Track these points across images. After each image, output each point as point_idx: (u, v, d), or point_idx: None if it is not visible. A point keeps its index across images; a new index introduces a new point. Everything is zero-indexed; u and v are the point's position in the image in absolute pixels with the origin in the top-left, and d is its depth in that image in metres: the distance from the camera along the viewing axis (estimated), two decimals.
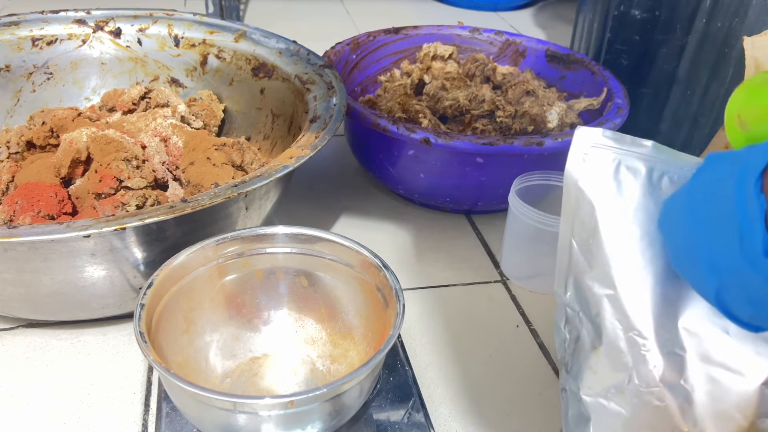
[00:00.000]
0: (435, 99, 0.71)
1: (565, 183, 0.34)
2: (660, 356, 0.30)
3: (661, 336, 0.30)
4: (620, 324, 0.32)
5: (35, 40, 0.69)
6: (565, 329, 0.37)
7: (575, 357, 0.36)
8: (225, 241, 0.45)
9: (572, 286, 0.35)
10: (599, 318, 0.33)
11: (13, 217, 0.51)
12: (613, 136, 0.33)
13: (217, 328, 0.46)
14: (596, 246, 0.32)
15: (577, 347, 0.36)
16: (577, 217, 0.33)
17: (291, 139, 0.61)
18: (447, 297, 0.58)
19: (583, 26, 0.86)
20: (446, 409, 0.47)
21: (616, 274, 0.31)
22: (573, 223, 0.34)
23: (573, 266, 0.35)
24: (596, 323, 0.33)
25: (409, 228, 0.67)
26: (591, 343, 0.34)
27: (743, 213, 0.24)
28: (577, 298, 0.35)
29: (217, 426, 0.38)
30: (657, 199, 0.31)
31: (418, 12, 1.34)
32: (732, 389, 0.30)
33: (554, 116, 0.68)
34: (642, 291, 0.31)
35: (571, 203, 0.34)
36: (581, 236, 0.34)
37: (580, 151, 0.33)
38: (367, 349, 0.45)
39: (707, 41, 0.71)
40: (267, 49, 0.69)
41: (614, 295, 0.32)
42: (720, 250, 0.25)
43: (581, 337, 0.35)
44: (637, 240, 0.31)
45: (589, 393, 0.34)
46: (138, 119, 0.64)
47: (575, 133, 0.33)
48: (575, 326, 0.36)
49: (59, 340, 0.51)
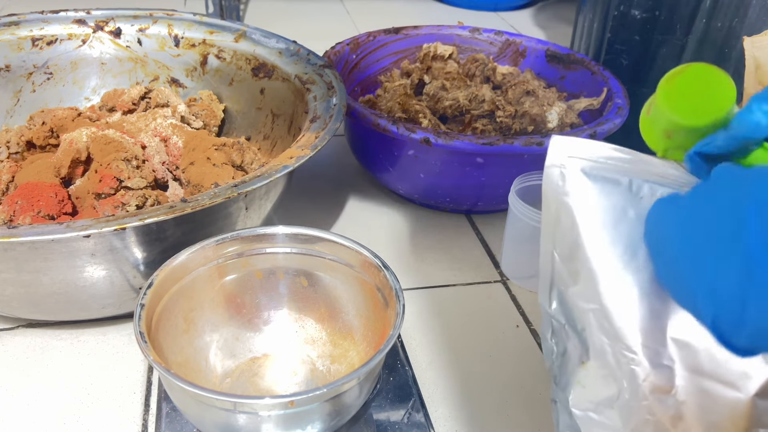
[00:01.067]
0: (435, 99, 0.71)
1: (544, 193, 0.33)
2: (649, 369, 0.30)
3: (649, 349, 0.30)
4: (607, 339, 0.31)
5: (35, 40, 0.69)
6: (552, 341, 0.36)
7: (562, 370, 0.35)
8: (225, 241, 0.45)
9: (557, 299, 0.35)
10: (586, 333, 0.32)
11: (13, 217, 0.51)
12: (591, 146, 0.32)
13: (217, 328, 0.46)
14: (579, 260, 0.31)
15: (564, 360, 0.35)
16: (558, 229, 0.33)
17: (291, 139, 0.61)
18: (447, 297, 0.58)
19: (583, 26, 0.86)
20: (446, 409, 0.47)
21: (601, 288, 0.31)
22: (554, 235, 0.33)
23: (556, 279, 0.34)
24: (583, 338, 0.32)
25: (410, 228, 0.67)
26: (578, 357, 0.33)
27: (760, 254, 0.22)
28: (562, 311, 0.34)
29: (217, 426, 0.38)
30: (638, 209, 0.30)
31: (418, 12, 1.34)
32: (724, 401, 0.29)
33: (554, 116, 0.68)
34: (628, 304, 0.30)
35: (551, 214, 0.33)
36: (563, 249, 0.33)
37: (557, 161, 0.32)
38: (367, 349, 0.45)
39: (707, 41, 0.71)
40: (267, 49, 0.69)
41: (600, 310, 0.31)
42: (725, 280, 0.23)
43: (568, 351, 0.34)
44: (621, 252, 0.30)
45: (578, 406, 0.33)
46: (138, 119, 0.64)
47: (551, 142, 0.32)
48: (561, 339, 0.35)
49: (59, 340, 0.51)
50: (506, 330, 0.55)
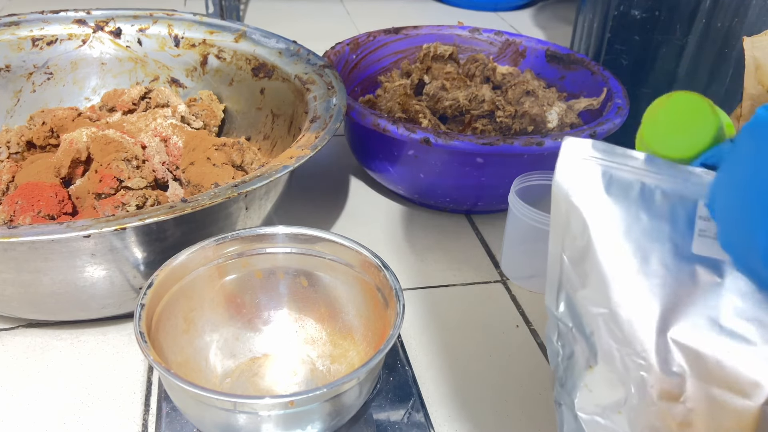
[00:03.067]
0: (435, 99, 0.71)
1: (554, 195, 0.32)
2: (659, 375, 0.29)
3: (659, 355, 0.29)
4: (616, 343, 0.30)
5: (35, 40, 0.69)
6: (558, 344, 0.36)
7: (569, 373, 0.35)
8: (225, 241, 0.46)
9: (564, 302, 0.34)
10: (594, 337, 0.32)
11: (13, 217, 0.51)
12: (604, 148, 0.32)
13: (217, 328, 0.46)
14: (590, 264, 0.31)
15: (571, 363, 0.34)
16: (568, 231, 0.32)
17: (291, 139, 0.61)
18: (447, 297, 0.58)
19: (583, 26, 0.86)
20: (446, 409, 0.47)
21: (612, 293, 0.30)
22: (563, 238, 0.33)
23: (565, 282, 0.34)
24: (591, 341, 0.32)
25: (409, 228, 0.67)
26: (586, 361, 0.33)
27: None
28: (570, 314, 0.34)
29: (217, 426, 0.38)
30: (650, 213, 0.30)
31: (418, 12, 1.34)
32: (733, 409, 0.29)
33: (554, 116, 0.68)
34: (639, 309, 0.30)
35: (561, 216, 0.33)
36: (573, 252, 0.33)
37: (569, 163, 0.32)
38: (367, 349, 0.45)
39: (707, 41, 0.71)
40: (267, 49, 0.69)
41: (610, 315, 0.31)
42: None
43: (575, 354, 0.34)
44: (632, 257, 0.30)
45: (584, 410, 0.33)
46: (138, 119, 0.64)
47: (563, 143, 0.32)
48: (568, 342, 0.35)
49: (59, 340, 0.51)
50: (506, 330, 0.55)
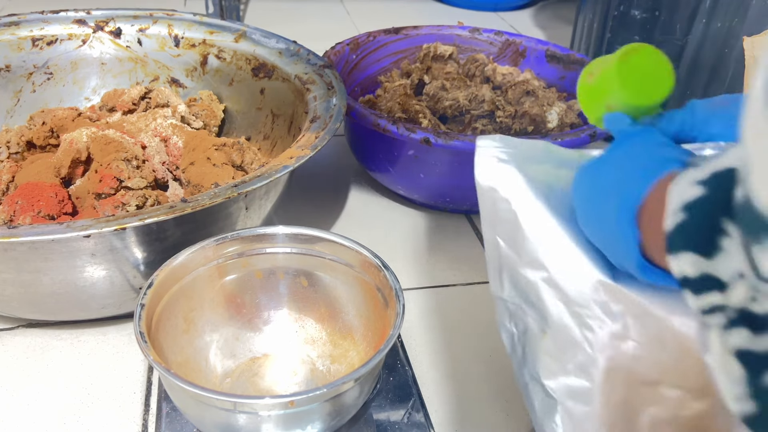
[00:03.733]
0: (435, 99, 0.71)
1: (479, 192, 0.36)
2: (604, 318, 0.31)
3: (599, 300, 0.31)
4: (560, 301, 0.33)
5: (35, 40, 0.69)
6: (511, 324, 0.39)
7: (528, 348, 0.37)
8: (225, 241, 0.46)
9: (508, 281, 0.37)
10: (540, 302, 0.34)
11: (13, 217, 0.51)
12: (508, 142, 0.37)
13: (217, 328, 0.46)
14: (521, 236, 0.35)
15: (527, 338, 0.37)
16: (498, 216, 0.36)
17: (291, 139, 0.61)
18: (447, 297, 0.58)
19: (583, 26, 0.86)
20: (446, 409, 0.47)
21: (544, 255, 0.33)
22: (495, 225, 0.37)
23: (504, 262, 0.37)
24: (539, 308, 0.35)
25: (409, 228, 0.67)
26: (540, 329, 0.35)
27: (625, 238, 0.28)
28: (515, 291, 0.37)
29: (217, 426, 0.38)
30: (561, 184, 0.35)
31: (418, 12, 1.34)
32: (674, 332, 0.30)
33: (554, 116, 0.68)
34: (571, 264, 0.32)
35: (489, 208, 0.36)
36: (505, 232, 0.36)
37: (484, 160, 0.36)
38: (367, 349, 0.45)
39: (707, 41, 0.71)
40: (267, 49, 0.69)
41: (548, 276, 0.33)
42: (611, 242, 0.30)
43: (529, 327, 0.36)
44: (554, 219, 0.33)
45: (549, 377, 0.35)
46: (138, 119, 0.64)
47: (477, 144, 0.37)
48: (520, 318, 0.37)
49: (59, 340, 0.51)
50: None
